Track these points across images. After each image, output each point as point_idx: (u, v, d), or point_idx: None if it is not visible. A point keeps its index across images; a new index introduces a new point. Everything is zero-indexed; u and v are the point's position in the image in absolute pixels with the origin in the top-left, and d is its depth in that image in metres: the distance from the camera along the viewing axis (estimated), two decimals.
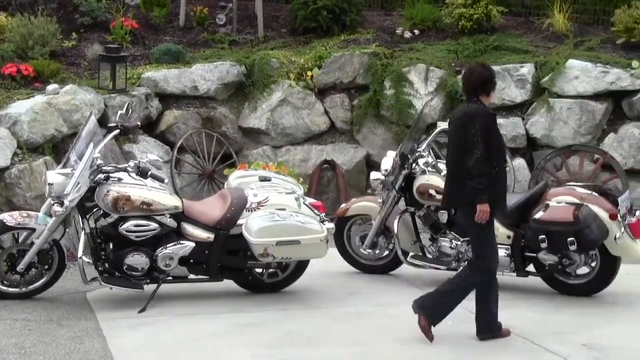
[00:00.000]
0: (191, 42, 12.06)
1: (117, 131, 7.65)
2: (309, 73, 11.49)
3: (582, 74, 11.06)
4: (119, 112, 7.80)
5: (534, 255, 7.76)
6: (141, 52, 11.64)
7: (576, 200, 7.51)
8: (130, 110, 8.01)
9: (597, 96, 11.08)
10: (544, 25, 12.20)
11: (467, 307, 7.33)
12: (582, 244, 7.37)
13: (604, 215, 7.42)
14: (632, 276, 7.95)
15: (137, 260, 7.23)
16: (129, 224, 7.18)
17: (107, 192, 7.15)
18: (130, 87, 10.71)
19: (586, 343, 6.51)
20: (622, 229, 7.41)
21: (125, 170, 7.33)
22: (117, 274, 7.27)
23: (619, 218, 7.42)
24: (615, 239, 7.38)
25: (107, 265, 7.28)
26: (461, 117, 6.57)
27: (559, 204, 7.53)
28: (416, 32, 12.29)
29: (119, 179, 7.27)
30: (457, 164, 6.47)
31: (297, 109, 11.38)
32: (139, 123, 8.63)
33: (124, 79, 10.57)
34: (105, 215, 7.24)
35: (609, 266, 7.65)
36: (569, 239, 7.37)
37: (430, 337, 6.46)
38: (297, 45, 12.17)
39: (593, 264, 7.72)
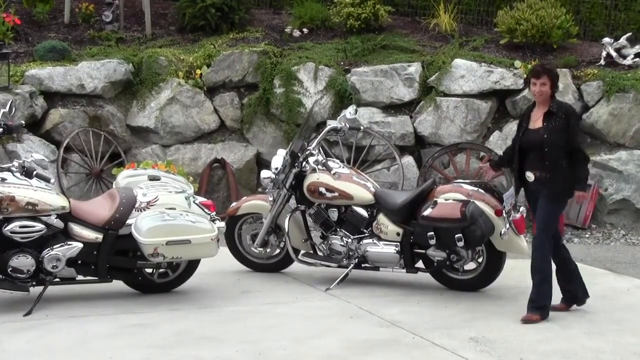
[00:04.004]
0: (77, 39, 11.84)
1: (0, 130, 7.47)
2: (198, 71, 11.43)
3: (468, 74, 11.30)
4: (2, 110, 7.59)
5: (423, 251, 7.86)
6: (24, 49, 11.37)
7: (463, 197, 7.64)
8: (14, 109, 7.79)
9: (482, 95, 11.34)
10: (430, 25, 12.41)
11: (358, 305, 7.41)
12: (470, 240, 7.49)
13: (489, 211, 7.56)
14: (516, 270, 8.14)
15: (23, 262, 7.03)
16: (13, 225, 6.98)
17: None
18: (14, 85, 10.46)
19: (473, 337, 6.64)
20: (507, 225, 7.56)
21: (9, 170, 7.13)
22: (1, 276, 7.07)
23: (504, 214, 7.57)
24: (500, 234, 7.52)
25: None
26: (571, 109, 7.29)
27: (447, 201, 7.64)
28: (305, 30, 12.35)
29: (3, 179, 7.05)
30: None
31: (187, 108, 11.29)
32: (23, 122, 8.42)
33: (7, 76, 10.31)
34: None
35: (495, 261, 7.82)
36: (456, 235, 7.47)
37: None
38: (185, 44, 12.08)
39: (480, 260, 7.88)
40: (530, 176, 7.11)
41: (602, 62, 11.65)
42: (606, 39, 11.77)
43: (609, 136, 11.23)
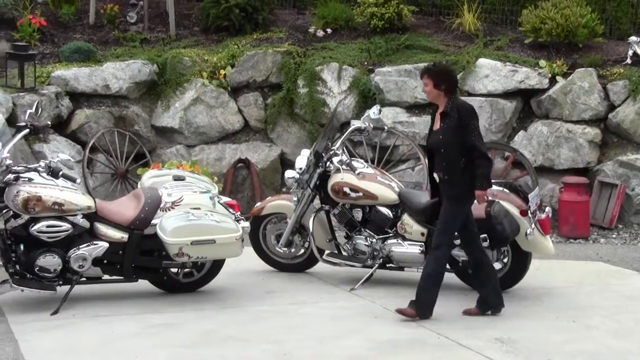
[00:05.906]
0: (102, 40, 11.90)
1: (26, 131, 7.51)
2: (222, 72, 11.45)
3: (492, 73, 11.25)
4: (29, 111, 7.64)
5: None
6: (50, 50, 11.43)
7: (488, 197, 7.60)
8: (40, 109, 7.86)
9: (506, 95, 11.28)
10: (454, 24, 12.37)
11: (383, 305, 7.41)
12: (494, 240, 7.46)
13: (514, 211, 7.53)
14: (542, 271, 8.11)
15: (50, 261, 7.08)
16: (40, 225, 7.03)
17: (17, 192, 6.99)
18: (40, 86, 10.53)
19: (499, 337, 6.62)
20: (533, 225, 7.53)
21: (35, 170, 7.18)
22: (28, 275, 7.11)
23: (529, 214, 7.54)
24: (526, 234, 7.50)
25: (18, 267, 7.11)
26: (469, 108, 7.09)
27: None
28: (329, 31, 12.34)
29: (30, 179, 7.10)
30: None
31: (211, 108, 11.32)
32: (49, 122, 8.48)
33: (33, 77, 10.38)
34: (16, 216, 7.06)
35: (521, 262, 7.78)
36: (481, 236, 7.45)
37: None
38: (209, 44, 12.10)
39: (505, 260, 7.84)
40: (436, 177, 7.15)
41: (628, 60, 11.55)
42: (632, 38, 11.67)
43: (635, 136, 11.14)
